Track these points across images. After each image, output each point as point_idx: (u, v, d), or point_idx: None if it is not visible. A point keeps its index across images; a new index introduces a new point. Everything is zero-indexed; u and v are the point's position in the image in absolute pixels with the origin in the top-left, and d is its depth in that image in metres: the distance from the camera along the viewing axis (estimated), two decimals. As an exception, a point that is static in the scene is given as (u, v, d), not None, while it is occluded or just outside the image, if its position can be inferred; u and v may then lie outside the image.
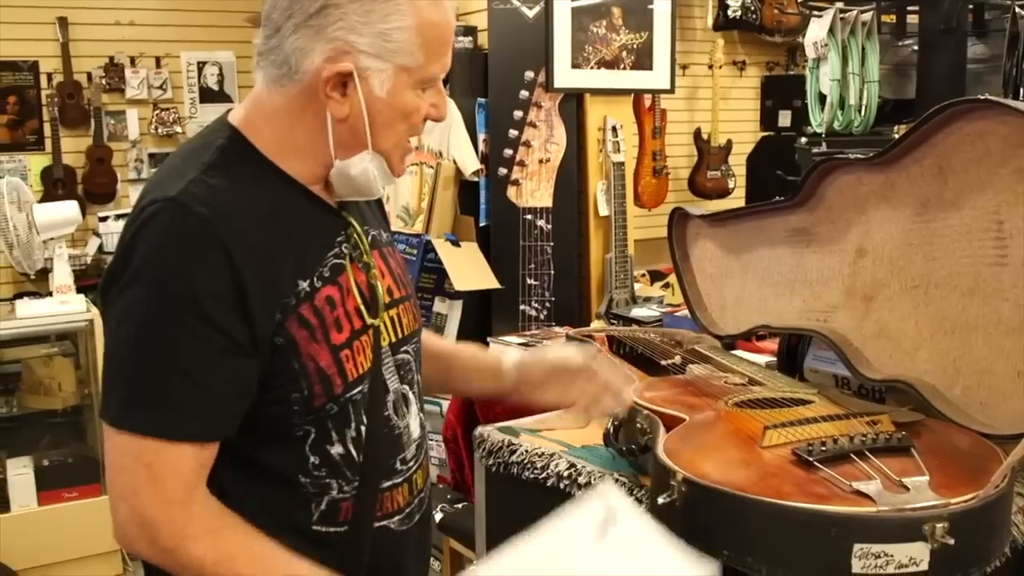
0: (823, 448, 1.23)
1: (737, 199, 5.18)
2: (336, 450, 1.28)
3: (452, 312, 3.30)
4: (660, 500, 1.21)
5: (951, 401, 1.47)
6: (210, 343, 1.17)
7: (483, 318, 3.36)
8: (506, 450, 1.67)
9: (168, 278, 1.16)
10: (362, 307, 1.30)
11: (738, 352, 2.12)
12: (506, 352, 1.65)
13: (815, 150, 2.89)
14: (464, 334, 3.29)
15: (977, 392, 1.45)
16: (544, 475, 1.58)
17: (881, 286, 1.63)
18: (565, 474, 1.55)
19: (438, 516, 2.51)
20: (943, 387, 1.50)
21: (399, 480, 1.36)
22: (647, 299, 3.35)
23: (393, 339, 1.36)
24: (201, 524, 1.20)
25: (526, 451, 1.63)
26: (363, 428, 1.30)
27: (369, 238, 1.36)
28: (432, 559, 2.59)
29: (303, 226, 1.27)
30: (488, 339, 2.88)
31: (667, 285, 4.09)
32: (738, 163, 5.25)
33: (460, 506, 2.53)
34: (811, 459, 1.21)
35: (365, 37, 1.20)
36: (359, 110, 1.23)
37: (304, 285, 1.23)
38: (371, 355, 1.30)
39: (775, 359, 2.08)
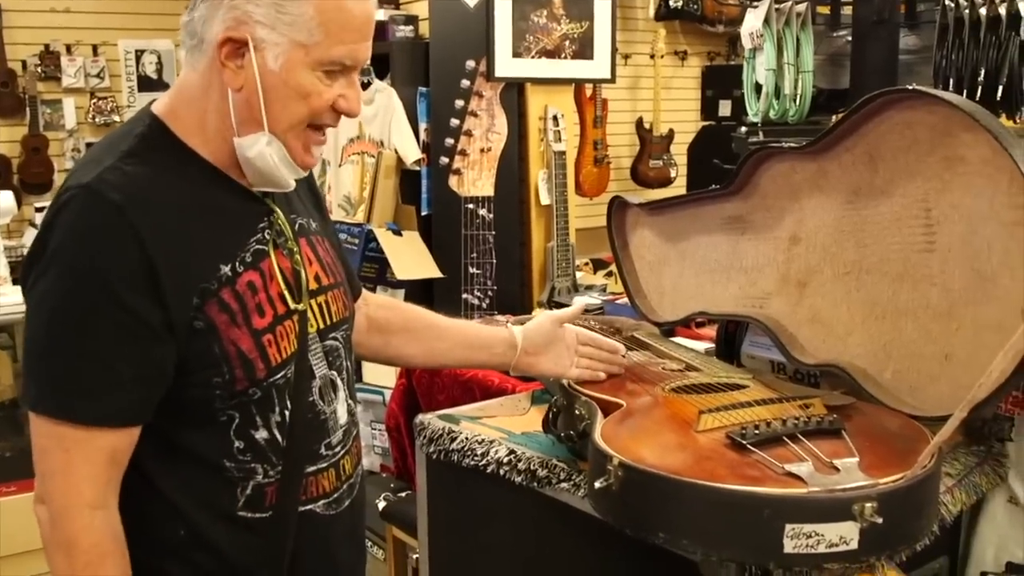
0: (756, 431, 1.25)
1: (679, 188, 5.22)
2: (261, 435, 1.29)
3: (395, 302, 3.31)
4: (597, 484, 1.22)
5: (882, 384, 1.50)
6: (122, 327, 1.18)
7: (425, 307, 3.36)
8: (446, 437, 1.67)
9: (81, 263, 1.17)
10: (285, 292, 1.31)
11: (677, 339, 2.15)
12: (511, 327, 1.68)
13: (751, 139, 2.92)
14: (406, 323, 3.28)
15: (907, 375, 1.48)
16: (484, 462, 1.59)
17: (814, 272, 1.66)
18: (505, 460, 1.56)
19: (381, 505, 2.51)
20: (874, 371, 1.52)
21: (324, 465, 1.37)
22: (589, 287, 3.37)
23: (321, 325, 1.37)
24: (93, 537, 1.21)
25: (466, 438, 1.64)
26: (287, 412, 1.31)
27: (296, 226, 1.37)
28: (376, 547, 2.60)
29: (223, 212, 1.29)
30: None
31: (610, 274, 4.10)
32: (680, 152, 5.29)
33: (403, 495, 2.53)
34: (744, 442, 1.23)
35: (262, 7, 1.21)
36: (253, 82, 1.23)
37: (225, 270, 1.25)
38: (296, 340, 1.31)
39: (714, 345, 2.11)
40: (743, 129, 3.46)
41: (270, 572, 1.32)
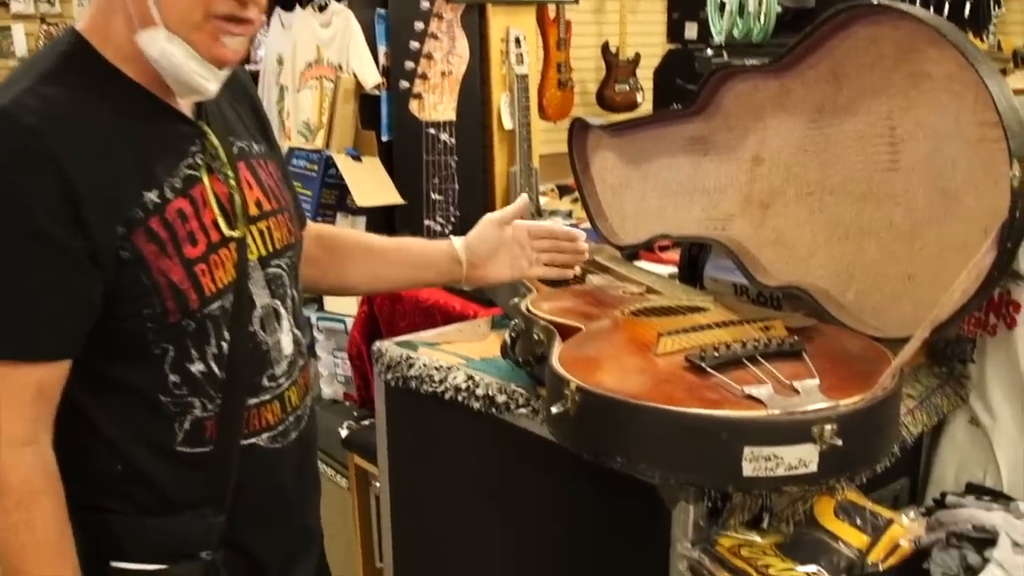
0: (716, 354, 1.23)
1: (645, 112, 5.16)
2: (197, 368, 1.25)
3: (355, 228, 3.25)
4: (554, 410, 1.20)
5: (844, 306, 1.49)
6: (44, 259, 1.13)
7: (387, 234, 3.31)
8: (404, 364, 1.65)
9: None
10: (220, 219, 1.25)
11: (641, 263, 2.12)
12: (452, 239, 1.64)
13: (715, 60, 2.88)
14: (368, 251, 3.24)
15: (870, 296, 1.46)
16: (442, 388, 1.56)
17: (777, 193, 1.63)
18: (463, 387, 1.54)
19: (344, 433, 2.49)
20: (837, 292, 1.51)
21: (268, 397, 1.33)
22: (553, 212, 3.33)
23: (262, 252, 1.32)
24: (23, 473, 1.16)
25: (424, 365, 1.61)
26: (224, 344, 1.26)
27: (236, 149, 1.31)
28: (339, 476, 2.59)
29: (151, 136, 1.22)
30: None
31: (576, 199, 4.07)
32: (646, 77, 5.22)
33: (366, 423, 2.51)
34: (703, 365, 1.21)
35: None
36: None
37: (152, 196, 1.19)
38: (233, 269, 1.26)
39: (677, 268, 2.09)
40: (710, 51, 3.42)
41: (214, 507, 1.29)
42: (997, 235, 1.21)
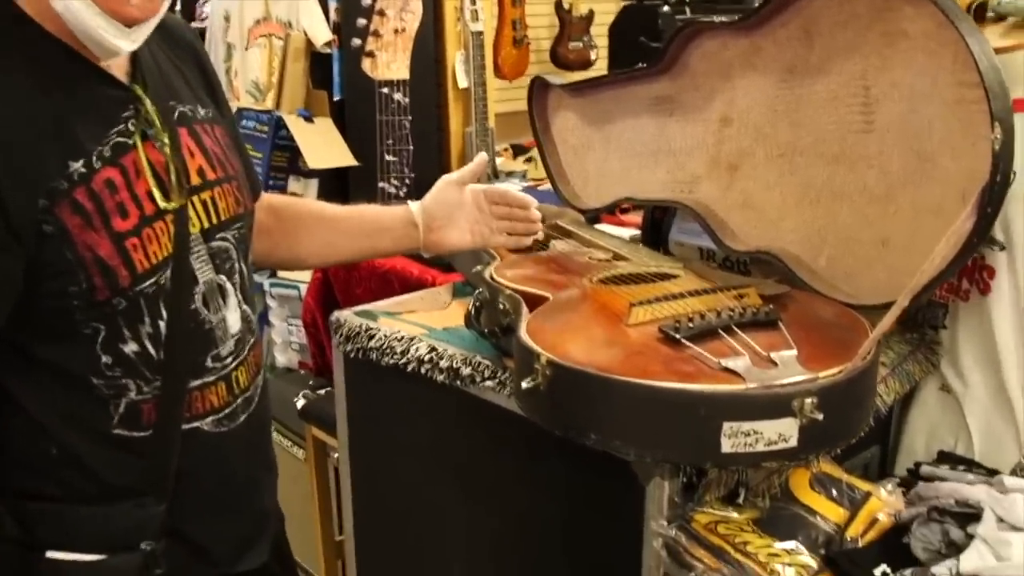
0: (690, 324, 1.19)
1: (600, 70, 5.09)
2: (130, 348, 1.17)
3: (308, 191, 3.17)
4: (524, 384, 1.15)
5: (816, 271, 1.45)
6: None
7: (341, 196, 3.23)
8: (364, 335, 1.59)
9: None
10: (155, 190, 1.17)
11: (602, 226, 2.07)
12: (409, 204, 1.58)
13: (679, 16, 2.82)
14: (321, 214, 3.17)
15: (842, 262, 1.43)
16: (404, 360, 1.51)
17: (746, 155, 1.58)
18: (426, 358, 1.48)
19: (300, 403, 2.43)
20: (808, 258, 1.47)
21: (212, 379, 1.26)
22: (510, 174, 3.27)
23: (205, 225, 1.24)
24: None
25: (385, 335, 1.56)
26: (161, 323, 1.18)
27: (176, 114, 1.22)
28: (295, 447, 2.53)
29: (76, 101, 1.13)
30: (346, 219, 2.77)
31: (530, 159, 4.00)
32: (600, 34, 5.14)
33: (323, 392, 2.45)
34: (678, 336, 1.17)
35: None
36: None
37: (76, 166, 1.10)
38: (171, 243, 1.18)
39: (640, 232, 2.05)
40: (668, 8, 3.35)
41: (154, 495, 1.23)
42: (977, 199, 1.17)
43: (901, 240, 1.35)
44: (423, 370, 1.48)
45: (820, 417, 1.06)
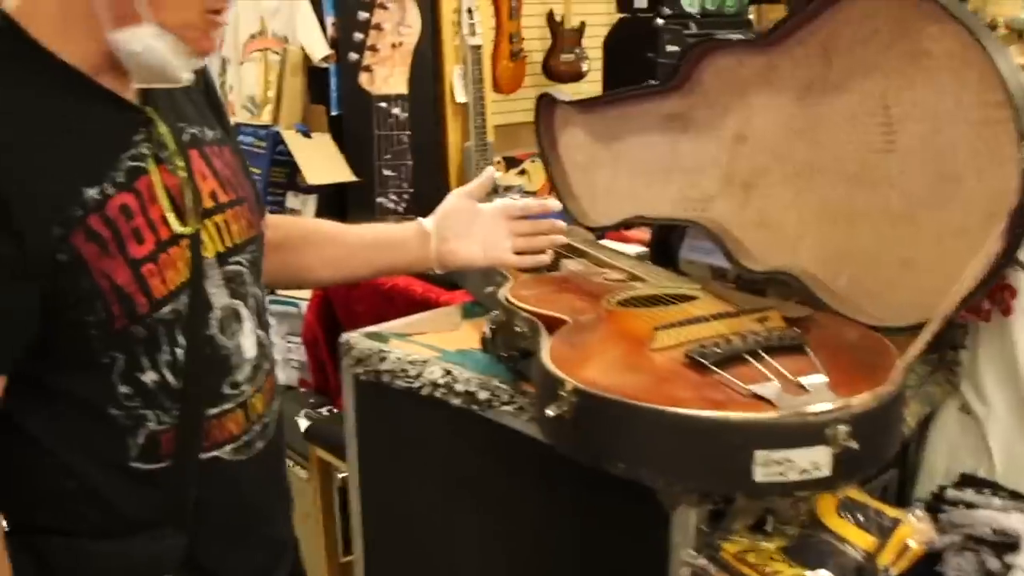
0: (717, 349, 1.17)
1: (592, 82, 5.08)
2: (149, 377, 1.14)
3: (306, 207, 3.15)
4: (549, 412, 1.13)
5: (836, 292, 1.43)
6: None
7: (339, 212, 3.21)
8: (375, 358, 1.56)
9: None
10: (170, 214, 1.14)
11: (606, 243, 2.05)
12: (419, 220, 1.55)
13: (687, 32, 2.81)
14: (319, 230, 3.14)
15: (863, 282, 1.41)
16: (418, 383, 1.49)
17: (761, 173, 1.57)
18: (441, 382, 1.46)
19: (303, 424, 2.40)
20: (827, 278, 1.45)
21: (230, 406, 1.23)
22: (507, 188, 3.25)
23: (220, 249, 1.21)
24: None
25: (397, 358, 1.54)
26: (179, 351, 1.16)
27: (187, 136, 1.19)
28: (298, 467, 2.50)
29: (89, 126, 1.10)
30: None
31: (523, 172, 3.99)
32: (593, 46, 5.14)
33: (325, 412, 2.42)
34: (705, 361, 1.15)
35: None
36: None
37: (92, 193, 1.07)
38: (187, 268, 1.15)
39: (645, 248, 2.03)
40: (661, 21, 3.35)
41: (173, 526, 1.20)
42: (1008, 221, 1.16)
43: (925, 261, 1.33)
44: (438, 394, 1.46)
45: (854, 445, 1.04)
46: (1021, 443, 1.44)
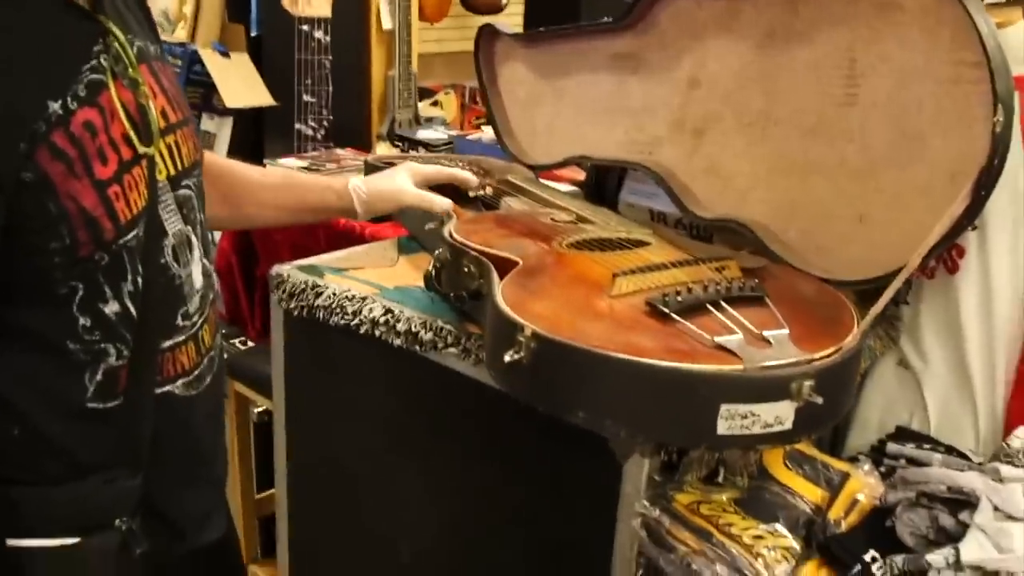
0: (679, 298, 1.14)
1: (511, 15, 5.00)
2: (111, 308, 1.07)
3: (221, 130, 3.03)
4: (507, 358, 1.09)
5: (787, 243, 1.42)
6: None
7: (256, 137, 3.11)
8: (310, 292, 1.50)
9: None
10: (131, 133, 1.06)
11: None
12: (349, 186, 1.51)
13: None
14: (235, 154, 3.04)
15: (814, 235, 1.40)
16: (356, 321, 1.44)
17: (714, 120, 1.54)
18: (381, 320, 1.41)
19: (220, 356, 2.32)
20: (778, 229, 1.44)
21: (182, 338, 1.17)
22: (430, 119, 3.19)
23: (172, 172, 1.14)
24: None
25: (333, 294, 1.48)
26: (140, 280, 1.08)
27: (135, 49, 1.10)
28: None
29: (48, 33, 1.01)
30: (264, 161, 2.66)
31: (435, 103, 3.92)
32: (513, -23, 5.04)
33: (244, 346, 2.35)
34: (667, 310, 1.12)
35: None
36: None
37: (55, 106, 0.98)
38: (146, 191, 1.08)
39: (576, 188, 2.00)
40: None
41: (128, 468, 1.13)
42: (974, 182, 1.15)
43: (880, 217, 1.32)
44: (377, 332, 1.41)
45: (817, 400, 1.03)
46: (957, 400, 1.46)
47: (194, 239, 1.18)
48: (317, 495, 1.67)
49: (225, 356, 2.30)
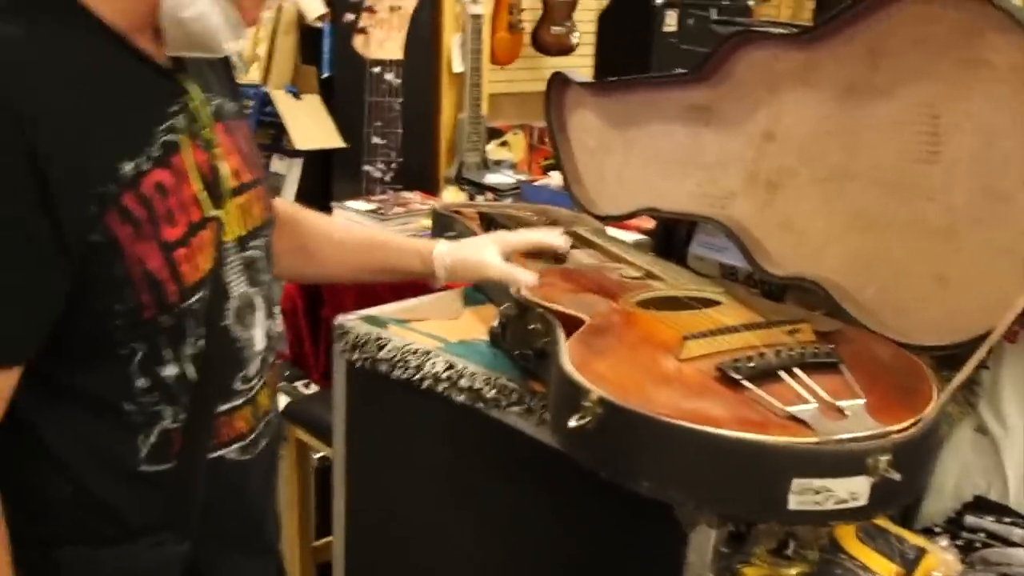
0: (751, 364, 1.10)
1: (582, 56, 5.00)
2: (170, 370, 1.05)
3: (291, 172, 3.05)
4: (572, 423, 1.06)
5: (862, 304, 1.37)
6: (1, 245, 0.91)
7: (324, 179, 3.12)
8: (373, 344, 1.49)
9: None
10: (202, 194, 1.05)
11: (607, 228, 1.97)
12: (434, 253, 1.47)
13: (713, 22, 2.73)
14: (303, 196, 3.05)
15: (892, 296, 1.35)
16: (419, 376, 1.41)
17: (789, 174, 1.50)
18: (443, 376, 1.39)
19: (282, 402, 2.31)
20: (853, 288, 1.39)
21: (240, 402, 1.14)
22: (498, 162, 3.18)
23: (241, 232, 1.12)
24: None
25: (396, 347, 1.46)
26: (201, 343, 1.06)
27: (212, 107, 1.09)
28: (272, 442, 2.42)
29: (125, 91, 1.00)
30: (332, 203, 2.67)
31: (504, 143, 3.92)
32: (585, 19, 5.05)
33: (302, 386, 2.34)
34: (739, 377, 1.08)
35: None
36: None
37: (128, 168, 0.97)
38: (214, 253, 1.06)
39: (644, 236, 1.97)
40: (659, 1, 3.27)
41: (177, 533, 1.10)
42: (1065, 247, 1.10)
43: (962, 279, 1.27)
44: (440, 388, 1.39)
45: (895, 476, 0.98)
46: (1039, 469, 1.40)
47: (258, 301, 1.16)
48: (374, 546, 1.65)
49: (287, 400, 2.31)
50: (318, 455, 2.24)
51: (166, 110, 1.03)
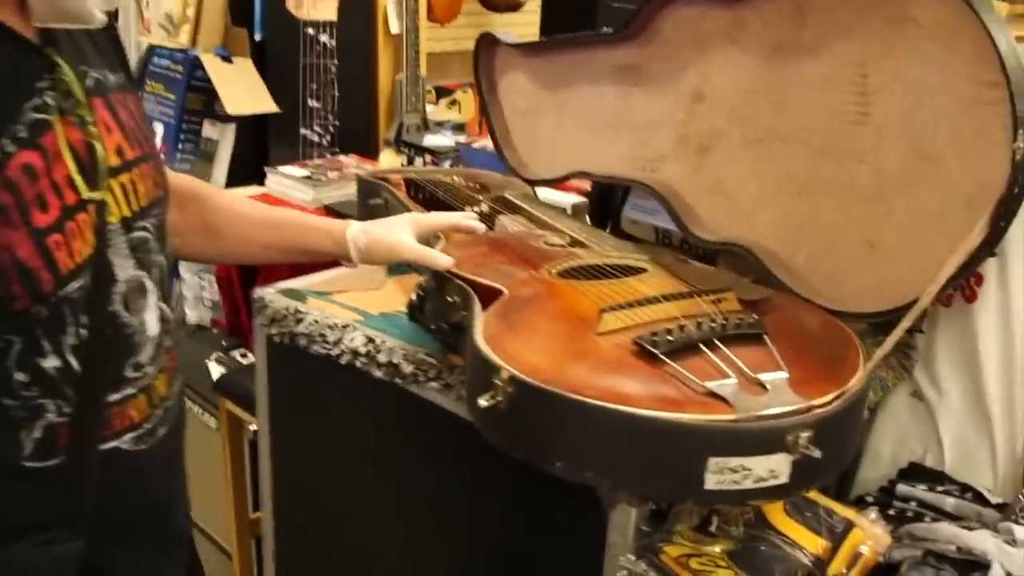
0: (669, 337, 1.05)
1: (529, 13, 4.92)
2: (50, 363, 0.98)
3: (224, 137, 2.96)
4: (482, 402, 1.01)
5: (793, 270, 1.34)
6: None
7: (259, 144, 3.04)
8: (291, 319, 1.44)
9: None
10: (77, 176, 0.98)
11: (542, 191, 1.92)
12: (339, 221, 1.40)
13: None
14: (238, 162, 2.97)
15: (823, 262, 1.32)
16: (337, 351, 1.36)
17: (719, 137, 1.45)
18: (362, 350, 1.34)
19: (215, 371, 2.25)
20: (785, 254, 1.35)
21: (133, 391, 1.08)
22: (439, 124, 3.10)
23: (126, 213, 1.05)
24: None
25: (315, 321, 1.41)
26: (83, 332, 1.00)
27: (90, 82, 1.02)
28: (208, 415, 2.36)
29: None
30: (265, 168, 2.60)
31: (454, 102, 3.84)
32: (532, -25, 4.96)
33: (239, 356, 2.28)
34: (656, 351, 1.04)
35: None
36: None
37: None
38: (93, 237, 0.99)
39: (582, 198, 1.92)
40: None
41: (67, 528, 1.04)
42: (992, 212, 1.06)
43: (893, 244, 1.24)
44: (358, 363, 1.34)
45: (815, 453, 0.94)
46: (974, 434, 1.37)
47: (149, 284, 1.09)
48: (303, 520, 1.61)
49: (221, 371, 2.26)
50: (253, 427, 2.19)
51: (35, 86, 0.96)
